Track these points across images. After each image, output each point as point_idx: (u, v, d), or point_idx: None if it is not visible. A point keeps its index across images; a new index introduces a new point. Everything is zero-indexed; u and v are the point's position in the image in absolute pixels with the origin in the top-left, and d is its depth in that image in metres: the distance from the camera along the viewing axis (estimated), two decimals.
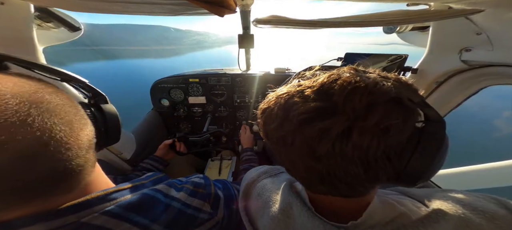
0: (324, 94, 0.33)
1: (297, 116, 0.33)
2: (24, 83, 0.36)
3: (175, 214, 0.51)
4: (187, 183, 0.61)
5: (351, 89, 0.31)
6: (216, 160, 1.58)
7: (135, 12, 0.88)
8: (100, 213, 0.42)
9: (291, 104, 0.35)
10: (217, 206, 0.61)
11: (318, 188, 0.38)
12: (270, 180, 0.59)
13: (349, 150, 0.30)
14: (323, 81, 0.35)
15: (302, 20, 0.89)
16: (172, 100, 1.78)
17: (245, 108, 1.86)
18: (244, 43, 1.41)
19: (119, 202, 0.45)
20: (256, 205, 0.55)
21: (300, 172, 0.40)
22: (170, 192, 0.55)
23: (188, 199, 0.56)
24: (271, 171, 0.63)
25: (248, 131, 1.50)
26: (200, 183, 0.62)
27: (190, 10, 0.84)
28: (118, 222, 0.43)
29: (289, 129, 0.35)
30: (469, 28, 0.89)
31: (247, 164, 1.15)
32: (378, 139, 0.30)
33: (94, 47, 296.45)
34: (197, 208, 0.56)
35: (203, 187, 0.61)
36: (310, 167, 0.35)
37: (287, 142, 0.36)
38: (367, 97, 0.30)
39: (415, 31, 1.27)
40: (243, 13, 1.13)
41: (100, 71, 35.11)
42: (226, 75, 1.71)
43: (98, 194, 0.44)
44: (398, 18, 0.73)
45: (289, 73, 1.72)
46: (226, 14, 0.81)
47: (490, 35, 0.86)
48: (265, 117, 0.42)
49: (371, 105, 0.30)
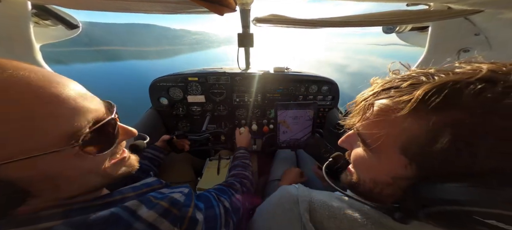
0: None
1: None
2: None
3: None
4: (165, 198, 0.53)
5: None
6: (215, 159, 1.58)
7: (134, 10, 0.88)
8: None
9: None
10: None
11: None
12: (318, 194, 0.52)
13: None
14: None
15: (301, 19, 0.89)
16: (171, 99, 1.77)
17: (244, 107, 1.86)
18: (244, 42, 1.41)
19: (70, 219, 0.40)
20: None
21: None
22: (139, 210, 0.47)
23: (157, 220, 0.47)
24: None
25: (246, 131, 1.49)
26: (178, 201, 0.54)
27: (190, 9, 0.84)
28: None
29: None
30: (468, 28, 0.89)
31: (239, 161, 1.13)
32: None
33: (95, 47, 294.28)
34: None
35: (179, 208, 0.52)
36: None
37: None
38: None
39: (415, 31, 1.27)
40: (243, 12, 1.13)
41: (100, 71, 34.82)
42: (225, 74, 1.70)
43: (56, 206, 0.41)
44: (398, 18, 0.74)
45: (288, 73, 1.74)
46: (226, 12, 0.81)
47: (488, 36, 0.86)
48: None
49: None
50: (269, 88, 1.74)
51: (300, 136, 1.40)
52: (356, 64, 37.56)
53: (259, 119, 1.88)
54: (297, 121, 1.36)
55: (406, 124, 0.33)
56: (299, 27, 0.96)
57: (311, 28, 0.93)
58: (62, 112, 0.38)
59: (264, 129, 1.85)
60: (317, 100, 1.73)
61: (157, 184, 0.62)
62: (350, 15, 0.71)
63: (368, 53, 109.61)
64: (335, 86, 1.68)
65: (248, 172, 1.05)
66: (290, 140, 1.42)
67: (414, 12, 0.73)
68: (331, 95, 1.71)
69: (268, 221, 0.59)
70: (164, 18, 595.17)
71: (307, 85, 1.69)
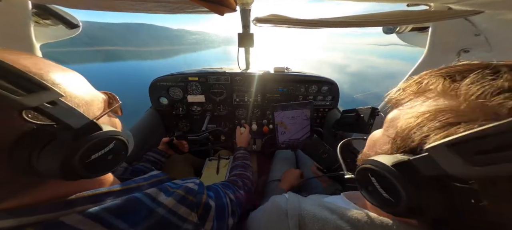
0: None
1: None
2: None
3: (158, 220, 0.48)
4: (180, 187, 0.58)
5: None
6: (214, 159, 1.58)
7: (134, 10, 0.87)
8: (79, 213, 0.40)
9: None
10: (206, 217, 0.58)
11: None
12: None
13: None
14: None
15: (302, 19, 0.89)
16: (171, 98, 1.77)
17: (244, 107, 1.86)
18: (244, 42, 1.41)
19: (104, 204, 0.44)
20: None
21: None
22: (159, 197, 0.52)
23: (175, 206, 0.52)
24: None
25: (246, 130, 1.49)
26: (193, 189, 0.59)
27: (190, 9, 0.84)
28: (92, 224, 0.41)
29: None
30: (468, 29, 0.89)
31: (240, 161, 1.14)
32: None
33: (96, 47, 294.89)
34: (183, 217, 0.53)
35: (194, 195, 0.57)
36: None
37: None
38: None
39: (415, 31, 1.27)
40: (243, 12, 1.13)
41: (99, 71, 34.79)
42: (225, 74, 1.70)
43: (85, 194, 0.43)
44: (399, 18, 0.74)
45: (288, 73, 1.74)
46: (226, 12, 0.80)
47: (488, 36, 0.86)
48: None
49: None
50: (269, 89, 1.74)
51: (299, 136, 1.40)
52: (356, 64, 37.47)
53: (259, 119, 1.89)
54: (295, 121, 1.37)
55: None
56: (299, 27, 0.96)
57: (312, 29, 0.93)
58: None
59: (264, 129, 1.85)
60: (315, 100, 1.73)
61: (162, 176, 0.65)
62: (351, 15, 0.71)
63: (368, 53, 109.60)
64: (335, 86, 1.68)
65: (249, 172, 1.06)
66: (289, 140, 1.42)
67: (415, 13, 0.73)
68: (331, 96, 1.71)
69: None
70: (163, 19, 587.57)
71: (307, 86, 1.70)
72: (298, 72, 1.74)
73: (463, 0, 0.66)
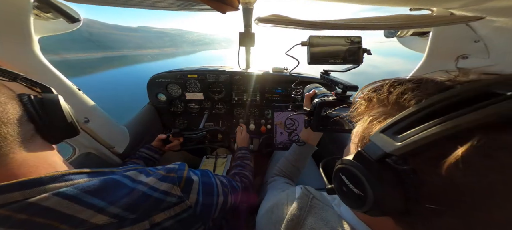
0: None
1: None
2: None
3: (138, 197, 0.48)
4: (161, 168, 0.59)
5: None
6: (211, 157, 1.58)
7: (136, 6, 0.87)
8: (51, 193, 0.39)
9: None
10: (189, 190, 0.58)
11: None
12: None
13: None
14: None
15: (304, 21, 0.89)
16: (169, 95, 1.77)
17: (242, 106, 1.86)
18: (245, 41, 1.41)
19: (76, 184, 0.43)
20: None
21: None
22: (138, 177, 0.52)
23: (157, 183, 0.53)
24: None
25: (244, 130, 1.50)
26: (173, 168, 0.60)
27: (192, 6, 0.83)
28: (70, 204, 0.40)
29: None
30: (468, 35, 0.90)
31: (240, 161, 1.15)
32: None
33: None
34: (165, 191, 0.53)
35: (175, 171, 0.58)
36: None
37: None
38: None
39: (415, 36, 1.28)
40: (246, 11, 1.12)
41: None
42: (225, 73, 1.70)
43: (52, 174, 0.42)
44: (401, 22, 0.74)
45: (287, 73, 1.74)
46: (228, 11, 0.80)
47: (487, 43, 0.87)
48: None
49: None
50: (268, 89, 1.75)
51: (297, 138, 1.40)
52: None
53: (257, 119, 1.89)
54: (294, 123, 1.37)
55: None
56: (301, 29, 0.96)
57: (313, 30, 0.93)
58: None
59: (261, 129, 1.85)
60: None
61: (139, 167, 0.64)
62: (353, 18, 0.72)
63: None
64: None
65: (247, 171, 1.07)
66: (286, 142, 1.42)
67: (418, 17, 0.74)
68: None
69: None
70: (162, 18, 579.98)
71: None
72: (297, 73, 1.74)
73: (465, 6, 0.66)
